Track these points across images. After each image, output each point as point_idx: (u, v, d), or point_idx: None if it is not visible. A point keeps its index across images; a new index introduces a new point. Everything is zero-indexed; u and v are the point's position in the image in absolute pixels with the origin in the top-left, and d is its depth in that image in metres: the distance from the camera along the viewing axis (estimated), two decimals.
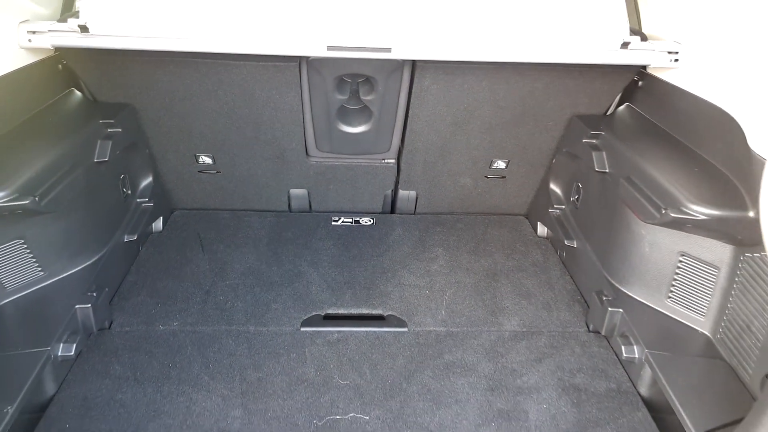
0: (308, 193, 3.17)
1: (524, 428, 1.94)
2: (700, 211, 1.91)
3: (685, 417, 1.83)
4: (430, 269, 2.79)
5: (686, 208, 1.93)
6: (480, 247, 2.99)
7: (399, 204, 3.27)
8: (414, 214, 3.30)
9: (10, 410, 1.71)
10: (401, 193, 3.20)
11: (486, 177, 3.12)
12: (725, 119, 1.91)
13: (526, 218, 3.30)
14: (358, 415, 1.96)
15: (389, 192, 3.22)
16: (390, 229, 3.13)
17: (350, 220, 3.19)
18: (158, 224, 2.99)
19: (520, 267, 2.83)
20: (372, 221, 3.19)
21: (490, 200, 3.26)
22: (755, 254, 1.92)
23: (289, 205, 3.22)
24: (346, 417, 1.95)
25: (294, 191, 3.16)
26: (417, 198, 3.23)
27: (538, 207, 3.20)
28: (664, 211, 1.98)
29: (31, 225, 2.08)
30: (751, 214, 1.85)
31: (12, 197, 1.84)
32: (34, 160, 2.02)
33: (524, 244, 3.03)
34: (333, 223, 3.15)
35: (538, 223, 3.15)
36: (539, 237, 3.12)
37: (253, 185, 3.09)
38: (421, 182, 3.13)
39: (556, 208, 3.00)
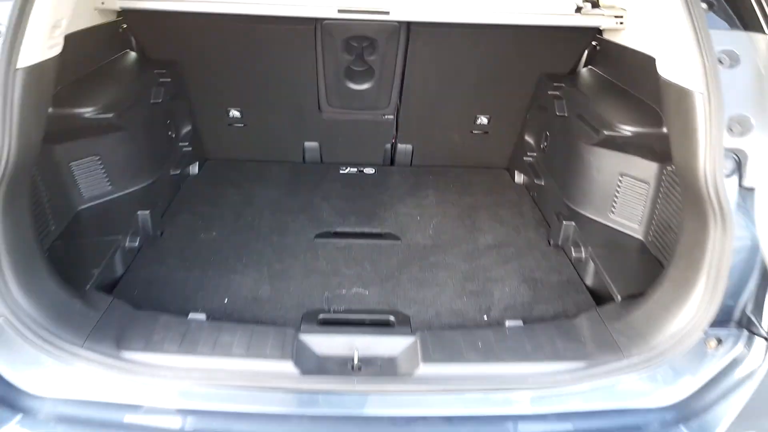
0: (320, 145, 3.73)
1: (489, 301, 2.48)
2: (626, 129, 2.46)
3: (613, 288, 2.35)
4: (421, 203, 3.33)
5: (616, 127, 2.48)
6: (465, 189, 3.53)
7: (397, 157, 3.82)
8: (410, 166, 3.85)
9: (96, 272, 2.26)
10: (399, 146, 3.75)
11: (472, 132, 3.67)
12: (649, 62, 2.44)
13: (507, 171, 3.84)
14: (360, 290, 2.50)
15: (389, 146, 3.77)
16: (389, 176, 3.68)
17: (355, 169, 3.74)
18: (194, 168, 3.55)
19: (497, 203, 3.37)
20: (374, 171, 3.74)
21: (475, 154, 3.80)
22: (671, 168, 2.45)
23: (304, 156, 3.78)
24: (351, 291, 2.50)
25: (308, 144, 3.72)
26: (413, 151, 3.78)
27: (516, 158, 3.74)
28: (600, 132, 2.53)
29: (105, 144, 2.65)
30: (664, 130, 2.39)
31: (99, 111, 2.42)
32: (109, 90, 2.59)
33: (503, 188, 3.57)
34: (341, 172, 3.70)
35: (516, 171, 3.69)
36: (516, 183, 3.66)
37: (274, 137, 3.65)
38: (417, 136, 3.68)
39: (530, 156, 3.53)
